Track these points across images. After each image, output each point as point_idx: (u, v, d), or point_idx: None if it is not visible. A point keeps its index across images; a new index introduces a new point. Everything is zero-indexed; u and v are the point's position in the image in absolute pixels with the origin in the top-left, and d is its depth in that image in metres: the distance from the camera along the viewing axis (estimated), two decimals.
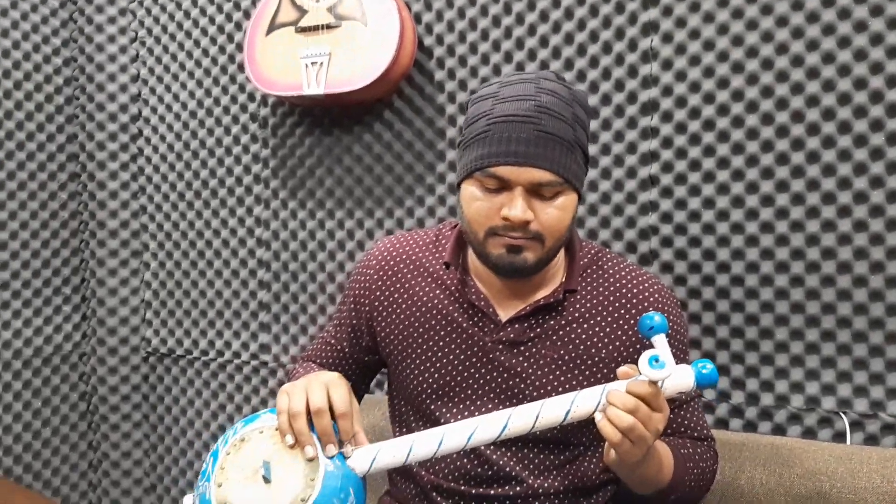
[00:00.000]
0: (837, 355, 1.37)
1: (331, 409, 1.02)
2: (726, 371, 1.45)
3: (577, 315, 1.19)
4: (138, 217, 2.07)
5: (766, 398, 1.43)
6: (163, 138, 2.02)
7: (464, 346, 1.20)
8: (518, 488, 1.17)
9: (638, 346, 1.17)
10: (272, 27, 1.72)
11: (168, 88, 2.00)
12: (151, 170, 2.04)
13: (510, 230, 1.09)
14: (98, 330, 2.08)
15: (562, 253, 1.22)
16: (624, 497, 1.25)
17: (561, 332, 1.18)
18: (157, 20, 2.00)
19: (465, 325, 1.20)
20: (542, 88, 1.09)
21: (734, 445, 1.33)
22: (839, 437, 1.38)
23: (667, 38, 1.46)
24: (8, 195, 1.93)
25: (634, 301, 1.20)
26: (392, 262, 1.26)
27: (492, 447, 1.18)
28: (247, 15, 1.88)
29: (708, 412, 1.47)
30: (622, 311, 1.19)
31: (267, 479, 1.00)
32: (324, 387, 1.04)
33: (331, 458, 1.01)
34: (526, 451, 1.18)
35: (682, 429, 1.22)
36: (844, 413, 1.37)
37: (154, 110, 2.02)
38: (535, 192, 1.09)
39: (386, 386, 1.64)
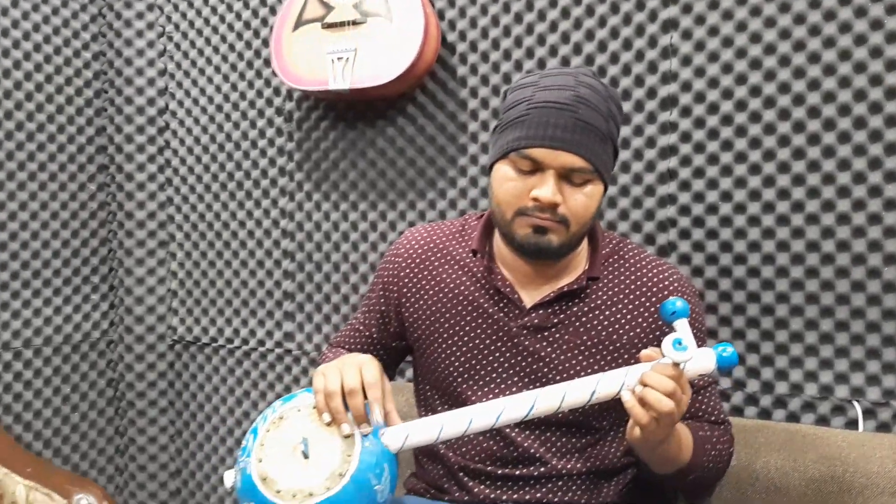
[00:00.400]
0: (851, 345, 1.41)
1: (363, 387, 1.07)
2: (742, 360, 1.49)
3: (599, 302, 1.23)
4: (165, 208, 2.12)
5: (780, 386, 1.47)
6: (189, 131, 2.07)
7: (489, 331, 1.24)
8: (542, 469, 1.22)
9: (658, 333, 1.21)
10: (299, 23, 1.77)
11: (195, 82, 2.05)
12: (178, 162, 2.09)
13: (538, 211, 1.14)
14: (125, 318, 2.14)
15: (585, 242, 1.26)
16: (643, 480, 1.30)
17: (584, 318, 1.23)
18: (184, 15, 2.05)
19: (490, 310, 1.24)
20: (580, 81, 1.14)
21: (750, 431, 1.37)
22: (852, 424, 1.42)
23: (686, 34, 1.50)
24: (39, 186, 1.98)
25: (655, 289, 1.24)
26: (420, 251, 1.31)
27: (517, 430, 1.22)
28: (272, 11, 1.93)
29: (724, 400, 1.51)
30: (643, 299, 1.24)
31: (305, 455, 1.05)
32: (357, 367, 1.08)
33: (365, 435, 1.06)
34: (549, 433, 1.23)
35: (700, 413, 1.26)
36: (857, 401, 1.41)
37: (181, 104, 2.07)
38: (566, 177, 1.13)
39: (410, 373, 1.69)
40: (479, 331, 1.25)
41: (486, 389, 1.24)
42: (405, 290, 1.30)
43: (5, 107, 1.91)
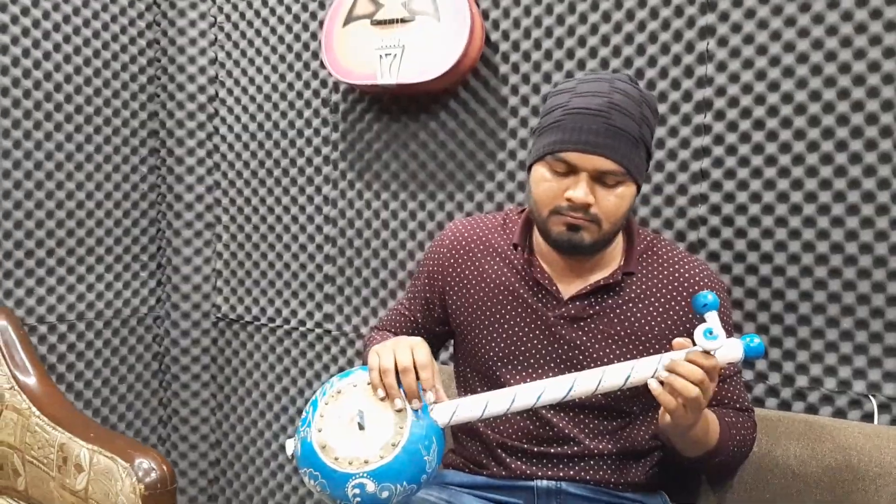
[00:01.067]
0: (869, 342, 1.48)
1: (415, 367, 1.15)
2: (765, 354, 1.57)
3: (633, 295, 1.31)
4: (212, 191, 2.22)
5: (800, 380, 1.54)
6: (238, 118, 2.16)
7: (528, 320, 1.32)
8: (575, 448, 1.31)
9: (688, 325, 1.29)
10: (349, 19, 1.85)
11: (244, 72, 2.14)
12: (226, 147, 2.18)
13: (572, 210, 1.22)
14: (172, 295, 2.24)
15: (620, 238, 1.34)
16: (668, 462, 1.38)
17: (618, 311, 1.31)
18: (235, 6, 2.13)
19: (530, 300, 1.33)
20: (615, 88, 1.21)
21: (771, 421, 1.44)
22: (867, 417, 1.49)
23: (722, 41, 1.56)
24: (95, 167, 2.07)
25: (686, 284, 1.32)
26: (464, 242, 1.39)
27: (552, 411, 1.31)
28: (321, 5, 2.01)
29: (747, 390, 1.58)
30: (675, 293, 1.31)
31: (361, 427, 1.14)
32: (409, 348, 1.17)
33: (416, 410, 1.14)
34: (583, 416, 1.31)
35: (726, 401, 1.34)
36: (874, 396, 1.48)
37: (230, 92, 2.16)
38: (599, 179, 1.21)
39: (444, 356, 1.78)
40: (518, 319, 1.33)
41: (523, 374, 1.32)
42: (449, 278, 1.39)
43: (65, 90, 2.00)
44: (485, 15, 1.80)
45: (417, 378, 1.15)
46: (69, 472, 1.51)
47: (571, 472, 1.30)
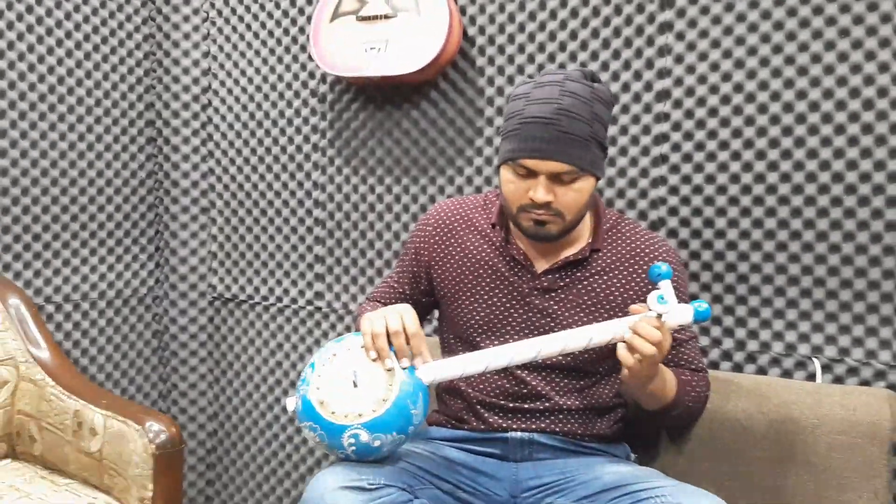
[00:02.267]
0: (812, 309, 1.64)
1: (404, 331, 1.29)
2: (719, 321, 1.72)
3: (599, 269, 1.46)
4: (207, 177, 2.34)
5: (751, 344, 1.70)
6: (230, 108, 2.28)
7: (506, 291, 1.47)
8: (546, 404, 1.46)
9: (647, 294, 1.44)
10: (335, 15, 1.97)
11: (236, 64, 2.26)
12: (220, 136, 2.31)
13: (535, 208, 1.36)
14: (170, 276, 2.36)
15: (588, 218, 1.48)
16: (630, 417, 1.53)
17: (586, 282, 1.45)
18: (226, 2, 2.25)
19: (507, 274, 1.47)
20: (565, 91, 1.33)
21: (723, 382, 1.59)
22: (812, 378, 1.65)
23: (680, 36, 1.71)
24: (96, 155, 2.19)
25: (647, 258, 1.47)
26: (448, 220, 1.54)
27: (526, 371, 1.45)
28: (309, 1, 2.13)
29: (702, 355, 1.74)
30: (636, 266, 1.46)
31: (355, 385, 1.28)
32: (398, 314, 1.31)
33: (405, 369, 1.29)
34: (554, 375, 1.46)
35: (683, 362, 1.49)
36: (816, 358, 1.64)
37: (223, 83, 2.28)
38: (556, 178, 1.35)
39: (435, 328, 1.92)
40: (496, 291, 1.48)
41: (501, 340, 1.47)
42: (434, 254, 1.53)
43: (68, 83, 2.12)
44: (462, 11, 1.94)
45: (406, 341, 1.29)
46: (84, 437, 1.65)
47: (543, 425, 1.45)
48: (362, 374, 1.28)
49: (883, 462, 1.43)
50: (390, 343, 1.29)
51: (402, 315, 1.31)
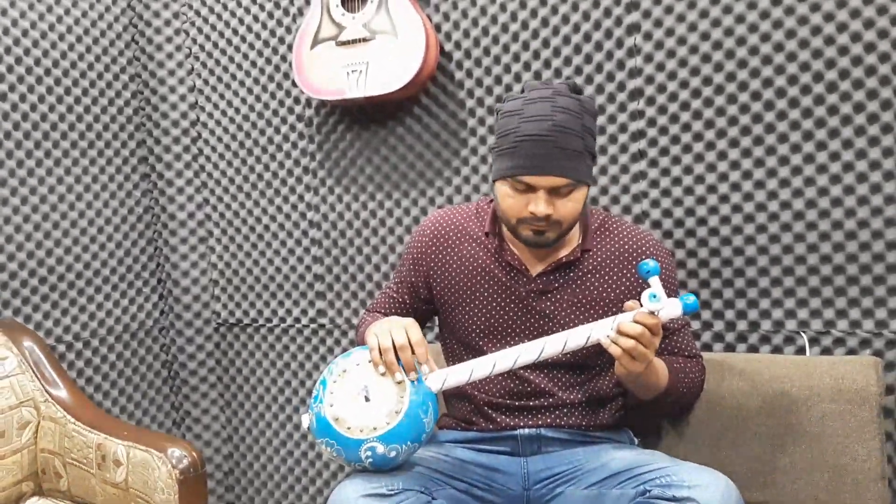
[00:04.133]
0: (796, 286, 1.71)
1: (409, 344, 1.36)
2: (708, 305, 1.79)
3: (591, 268, 1.53)
4: (202, 208, 2.40)
5: (740, 325, 1.77)
6: (220, 139, 2.34)
7: (503, 295, 1.54)
8: (551, 400, 1.52)
9: (638, 288, 1.51)
10: (315, 42, 2.04)
11: (222, 96, 2.32)
12: (212, 167, 2.37)
13: (535, 220, 1.42)
14: (175, 307, 2.42)
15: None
16: (631, 406, 1.60)
17: (579, 282, 1.52)
18: (208, 38, 2.32)
19: (503, 279, 1.54)
20: (557, 107, 1.39)
21: (717, 363, 1.66)
22: (801, 351, 1.72)
23: (647, 36, 1.78)
24: (94, 196, 2.25)
25: (635, 254, 1.54)
26: (443, 230, 1.60)
27: (529, 371, 1.52)
28: (288, 30, 2.20)
29: (695, 338, 1.81)
30: (625, 263, 1.53)
31: (367, 399, 1.34)
32: (403, 328, 1.37)
33: (413, 381, 1.35)
34: (556, 372, 1.53)
35: (677, 350, 1.56)
36: (804, 332, 1.72)
37: (210, 115, 2.35)
38: (554, 191, 1.41)
39: (437, 334, 1.98)
40: (494, 295, 1.54)
41: (502, 342, 1.53)
42: (432, 263, 1.60)
43: (60, 128, 2.18)
44: (437, 28, 2.00)
45: (412, 353, 1.36)
46: (108, 468, 1.70)
47: (549, 420, 1.52)
48: (374, 389, 1.34)
49: (874, 425, 1.50)
50: (397, 356, 1.35)
51: (407, 329, 1.37)
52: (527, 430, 1.51)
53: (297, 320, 2.30)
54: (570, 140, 1.39)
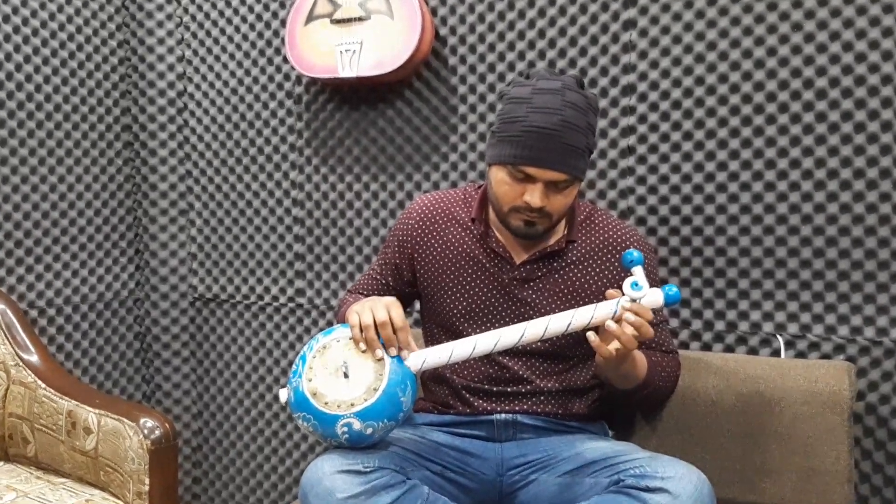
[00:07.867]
0: (775, 289, 1.73)
1: (391, 322, 1.35)
2: (687, 304, 1.81)
3: (575, 259, 1.53)
4: (185, 180, 2.38)
5: (718, 325, 1.79)
6: (206, 111, 2.32)
7: (487, 281, 1.54)
8: (528, 387, 1.53)
9: (620, 281, 1.52)
10: (310, 18, 2.02)
11: (211, 68, 2.30)
12: (196, 139, 2.34)
13: (528, 211, 1.43)
14: (151, 278, 2.40)
15: None
16: (605, 398, 1.61)
17: (562, 272, 1.53)
18: (200, 7, 2.29)
19: (487, 265, 1.54)
20: (566, 101, 1.38)
21: (693, 360, 1.68)
22: (776, 354, 1.74)
23: (643, 33, 1.79)
24: (74, 161, 2.22)
25: (619, 247, 1.55)
26: (430, 214, 1.60)
27: (508, 357, 1.52)
28: (282, 5, 2.18)
29: (672, 336, 1.82)
30: (609, 255, 1.54)
31: (346, 375, 1.33)
32: (385, 306, 1.36)
33: (393, 358, 1.35)
34: (534, 360, 1.53)
35: (654, 345, 1.57)
36: (780, 335, 1.74)
37: (198, 87, 2.32)
38: (552, 185, 1.41)
39: (416, 319, 1.98)
40: (478, 281, 1.54)
41: (482, 328, 1.53)
42: (417, 246, 1.59)
43: (44, 91, 2.14)
44: (433, 12, 2.00)
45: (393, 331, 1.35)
46: (78, 436, 1.68)
47: (525, 406, 1.52)
48: (353, 365, 1.34)
49: (844, 429, 1.52)
50: (378, 334, 1.34)
51: (389, 307, 1.36)
52: (503, 416, 1.52)
53: (276, 298, 2.29)
54: (576, 137, 1.39)
